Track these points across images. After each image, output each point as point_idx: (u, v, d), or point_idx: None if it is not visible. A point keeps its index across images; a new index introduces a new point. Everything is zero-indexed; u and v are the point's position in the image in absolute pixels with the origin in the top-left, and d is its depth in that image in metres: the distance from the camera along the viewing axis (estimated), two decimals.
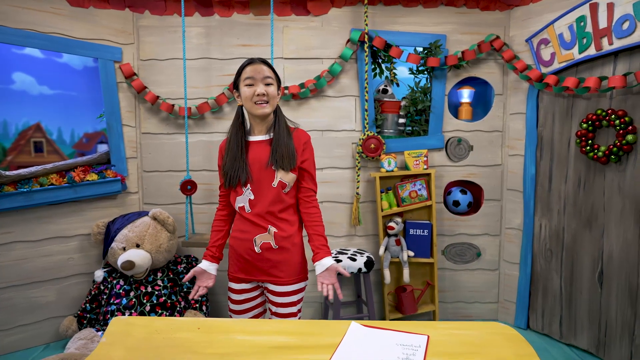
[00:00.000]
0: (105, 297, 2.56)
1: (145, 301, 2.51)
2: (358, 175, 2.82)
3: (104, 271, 2.62)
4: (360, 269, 2.53)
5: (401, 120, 2.88)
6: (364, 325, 1.26)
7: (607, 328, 2.40)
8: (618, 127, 2.25)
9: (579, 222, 2.51)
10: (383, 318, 2.85)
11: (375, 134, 2.75)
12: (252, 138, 1.68)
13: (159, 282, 2.60)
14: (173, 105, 2.74)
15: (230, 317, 1.83)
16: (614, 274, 2.35)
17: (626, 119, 2.23)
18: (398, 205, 2.80)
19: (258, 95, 1.57)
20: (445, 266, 2.93)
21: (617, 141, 2.26)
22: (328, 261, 1.61)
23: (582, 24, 2.37)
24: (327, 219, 2.88)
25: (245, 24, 2.77)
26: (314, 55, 2.79)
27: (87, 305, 2.59)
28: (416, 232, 2.79)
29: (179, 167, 2.83)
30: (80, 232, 2.68)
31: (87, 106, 2.96)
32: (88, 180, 2.61)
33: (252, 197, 1.64)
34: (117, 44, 2.71)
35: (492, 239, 2.92)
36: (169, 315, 2.54)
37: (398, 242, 2.77)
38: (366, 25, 2.68)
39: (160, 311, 2.52)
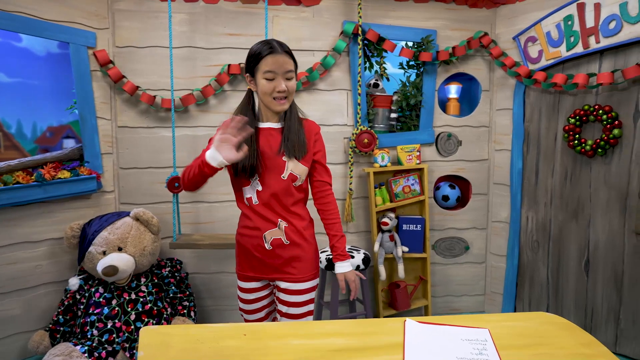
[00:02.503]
0: (82, 307, 2.32)
1: (129, 309, 2.29)
2: (351, 171, 2.77)
3: (80, 278, 2.38)
4: (358, 266, 2.48)
5: (393, 115, 2.86)
6: (419, 322, 1.20)
7: (593, 314, 2.51)
8: (605, 122, 2.36)
9: (565, 214, 2.61)
10: (376, 315, 2.81)
11: (369, 129, 2.71)
12: (262, 124, 1.58)
13: (143, 288, 2.39)
14: (154, 96, 2.53)
15: (242, 316, 1.75)
16: (600, 263, 2.47)
17: (613, 114, 2.34)
18: (391, 201, 2.77)
19: (279, 92, 1.48)
20: (435, 261, 2.95)
21: (604, 135, 2.37)
22: (347, 266, 1.62)
23: (569, 22, 2.46)
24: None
25: (232, 11, 2.62)
26: (305, 47, 2.70)
27: (60, 317, 2.33)
28: (409, 227, 2.78)
29: (160, 164, 2.63)
30: (50, 236, 2.41)
31: (51, 97, 2.67)
32: (60, 178, 2.35)
33: (259, 189, 1.55)
34: (91, 28, 2.47)
35: (479, 232, 2.98)
36: (156, 324, 2.34)
37: (392, 238, 2.75)
38: (360, 17, 2.63)
39: (146, 319, 2.32)
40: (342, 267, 1.61)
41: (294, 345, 1.07)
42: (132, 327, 2.26)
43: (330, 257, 2.50)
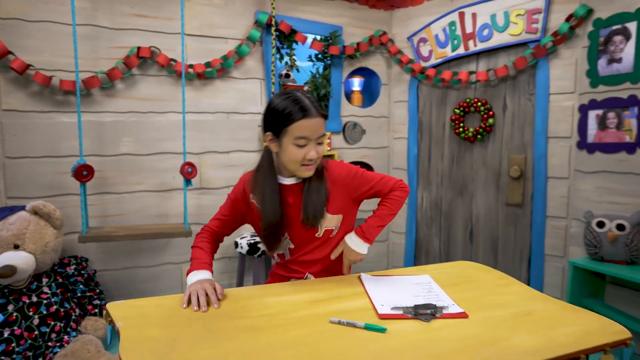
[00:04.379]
0: None
1: (31, 313, 2.04)
2: None
3: None
4: None
5: None
6: (372, 275, 1.35)
7: None
8: (482, 113, 2.82)
9: (453, 192, 3.04)
10: None
11: None
12: (284, 180, 1.38)
13: (46, 289, 2.15)
14: (51, 77, 2.28)
15: None
16: (481, 231, 2.94)
17: (488, 106, 2.81)
18: None
19: (310, 160, 1.28)
20: None
21: (482, 124, 2.83)
22: (354, 243, 1.40)
23: (453, 28, 2.88)
24: None
25: None
26: (218, 34, 2.68)
27: None
28: None
29: (58, 152, 2.38)
30: None
31: None
32: None
33: (292, 246, 1.41)
34: None
35: None
36: (65, 326, 2.13)
37: None
38: (273, 9, 2.71)
39: (52, 322, 2.09)
40: (350, 241, 1.40)
41: (271, 302, 1.13)
42: (36, 332, 2.03)
43: (251, 242, 2.55)
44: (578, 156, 2.46)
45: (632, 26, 2.20)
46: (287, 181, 1.37)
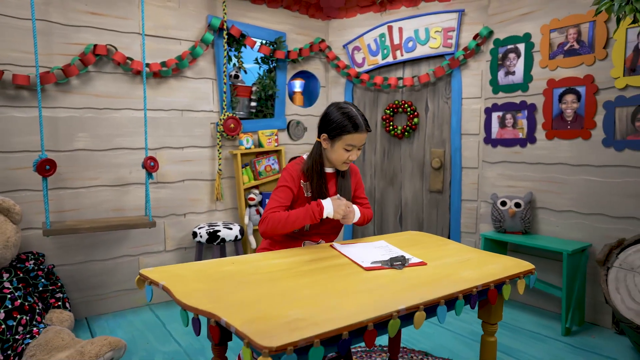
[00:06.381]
0: None
1: None
2: (220, 153, 3.02)
3: None
4: (236, 237, 2.79)
5: (253, 104, 3.23)
6: (342, 244, 1.67)
7: None
8: (409, 113, 3.29)
9: (385, 182, 3.48)
10: None
11: (234, 115, 3.02)
12: (326, 169, 1.74)
13: (7, 285, 2.15)
14: (3, 71, 2.26)
15: None
16: (409, 215, 3.41)
17: (413, 107, 3.28)
18: (255, 179, 3.15)
19: (351, 160, 1.67)
20: None
21: (408, 123, 3.30)
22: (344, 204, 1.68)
23: (383, 39, 3.31)
24: (189, 196, 2.97)
25: None
26: (172, 35, 2.81)
27: None
28: None
29: (12, 147, 2.36)
30: None
31: None
32: None
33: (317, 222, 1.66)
34: None
35: None
36: (30, 320, 2.15)
37: (258, 212, 3.13)
38: (225, 14, 2.91)
39: (19, 316, 2.10)
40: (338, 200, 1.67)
41: (275, 263, 1.39)
42: (3, 326, 2.03)
43: (210, 231, 2.74)
44: (484, 149, 3.02)
45: (521, 47, 2.79)
46: (328, 170, 1.75)
